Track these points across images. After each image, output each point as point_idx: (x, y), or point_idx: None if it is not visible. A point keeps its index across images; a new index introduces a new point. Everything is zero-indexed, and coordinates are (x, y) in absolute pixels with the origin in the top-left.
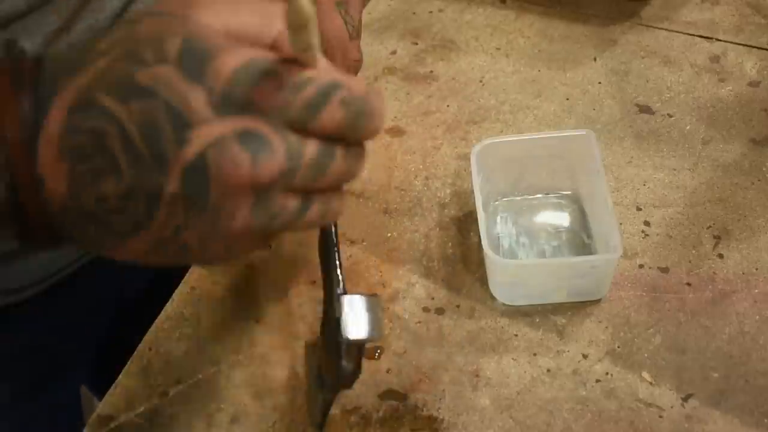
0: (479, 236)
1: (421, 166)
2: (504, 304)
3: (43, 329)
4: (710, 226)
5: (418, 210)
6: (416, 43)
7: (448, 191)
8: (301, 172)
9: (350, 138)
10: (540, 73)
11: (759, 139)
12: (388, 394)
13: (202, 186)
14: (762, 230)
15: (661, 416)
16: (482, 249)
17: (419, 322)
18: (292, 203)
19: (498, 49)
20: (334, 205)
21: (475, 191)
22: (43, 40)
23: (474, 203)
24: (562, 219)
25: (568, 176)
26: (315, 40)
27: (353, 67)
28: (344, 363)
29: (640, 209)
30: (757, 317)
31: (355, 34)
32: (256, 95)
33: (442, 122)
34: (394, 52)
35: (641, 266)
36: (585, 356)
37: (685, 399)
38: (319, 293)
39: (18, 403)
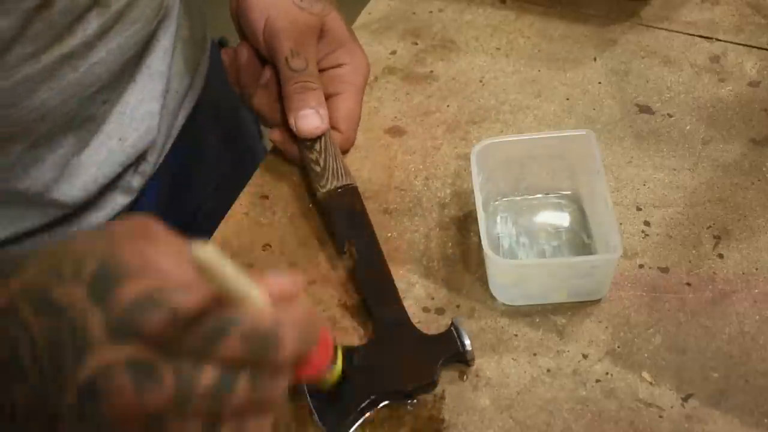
0: (479, 236)
1: (421, 166)
2: (504, 304)
3: None
4: (710, 226)
5: (418, 210)
6: (416, 43)
7: (448, 191)
8: (196, 401)
9: (255, 366)
10: (540, 73)
11: (759, 139)
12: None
13: (94, 409)
14: (762, 230)
15: (661, 416)
16: (482, 249)
17: (419, 322)
18: (193, 428)
19: (498, 49)
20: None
21: (475, 191)
22: (21, 18)
23: (474, 203)
24: (562, 219)
25: (568, 176)
26: (230, 281)
27: None
28: None
29: (640, 209)
30: (757, 317)
31: None
32: (151, 327)
33: (442, 122)
34: (394, 52)
35: (641, 266)
36: (585, 356)
37: (685, 399)
38: (320, 293)
39: None
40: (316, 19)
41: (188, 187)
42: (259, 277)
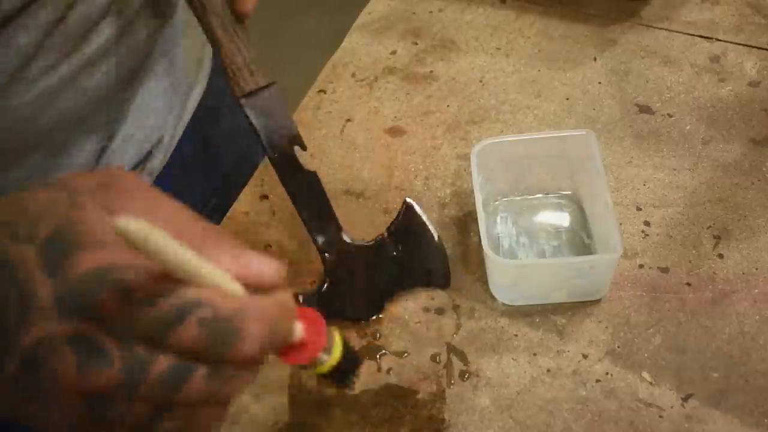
0: (479, 236)
1: (421, 166)
2: (504, 304)
3: None
4: (710, 226)
5: None
6: (416, 43)
7: (448, 191)
8: (146, 387)
9: (213, 358)
10: (540, 73)
11: (759, 139)
12: (388, 393)
13: (35, 378)
14: (762, 230)
15: (661, 416)
16: (482, 249)
17: (419, 322)
18: (140, 412)
19: (498, 49)
20: (199, 423)
21: (475, 191)
22: (40, 32)
23: (474, 203)
24: (562, 219)
25: (568, 176)
26: (175, 256)
27: None
28: None
29: (640, 209)
30: (757, 317)
31: None
32: (101, 304)
33: (442, 122)
34: (394, 52)
35: (641, 266)
36: (585, 356)
37: (685, 399)
38: None
39: None
40: None
41: (193, 184)
42: (240, 256)
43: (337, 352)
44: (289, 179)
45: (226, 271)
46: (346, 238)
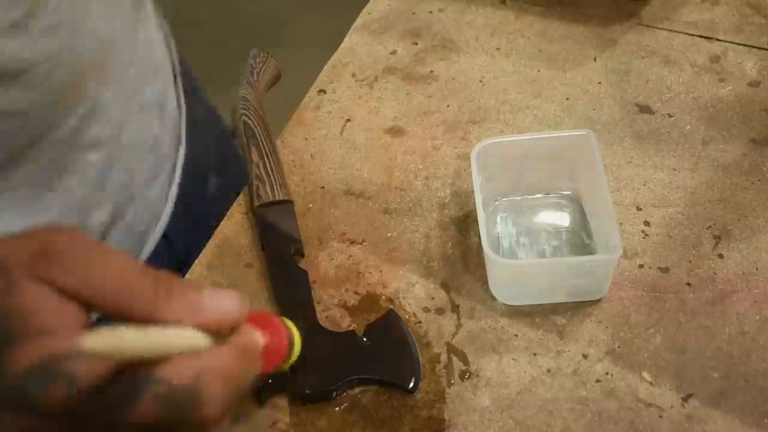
0: (479, 236)
1: (421, 166)
2: (504, 304)
3: None
4: (710, 226)
5: (418, 210)
6: (416, 43)
7: (448, 191)
8: None
9: (184, 429)
10: (540, 73)
11: (759, 139)
12: (388, 394)
13: None
14: (762, 230)
15: (661, 416)
16: (482, 249)
17: (419, 322)
18: None
19: (498, 49)
20: None
21: (475, 191)
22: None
23: (474, 203)
24: (562, 219)
25: (568, 176)
26: (141, 345)
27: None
28: None
29: (640, 209)
30: (757, 317)
31: None
32: (48, 399)
33: (442, 122)
34: (394, 52)
35: (641, 266)
36: (585, 356)
37: (685, 399)
38: (319, 293)
39: None
40: None
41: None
42: (197, 302)
43: (297, 340)
44: (277, 272)
45: (185, 327)
46: (321, 324)
